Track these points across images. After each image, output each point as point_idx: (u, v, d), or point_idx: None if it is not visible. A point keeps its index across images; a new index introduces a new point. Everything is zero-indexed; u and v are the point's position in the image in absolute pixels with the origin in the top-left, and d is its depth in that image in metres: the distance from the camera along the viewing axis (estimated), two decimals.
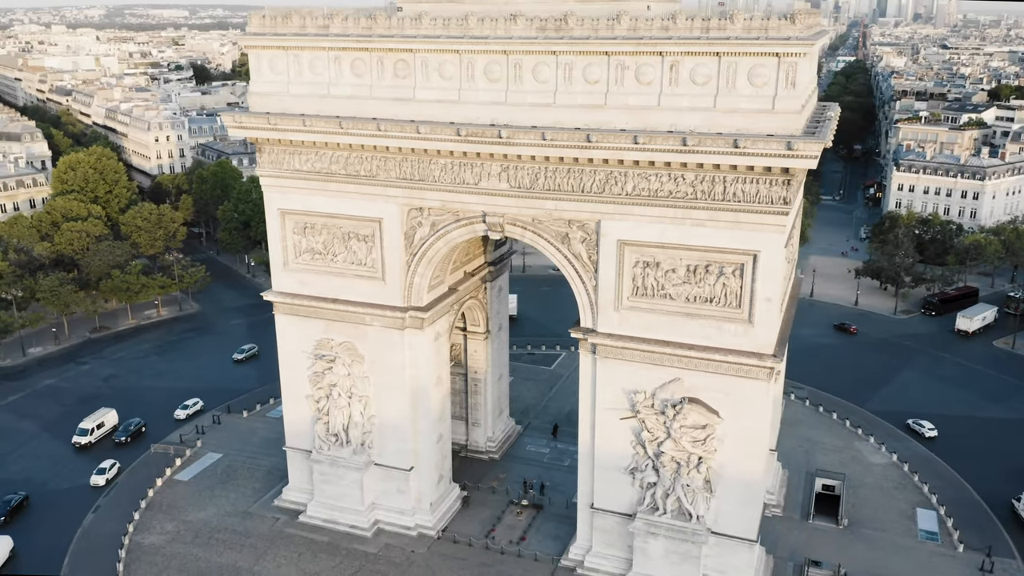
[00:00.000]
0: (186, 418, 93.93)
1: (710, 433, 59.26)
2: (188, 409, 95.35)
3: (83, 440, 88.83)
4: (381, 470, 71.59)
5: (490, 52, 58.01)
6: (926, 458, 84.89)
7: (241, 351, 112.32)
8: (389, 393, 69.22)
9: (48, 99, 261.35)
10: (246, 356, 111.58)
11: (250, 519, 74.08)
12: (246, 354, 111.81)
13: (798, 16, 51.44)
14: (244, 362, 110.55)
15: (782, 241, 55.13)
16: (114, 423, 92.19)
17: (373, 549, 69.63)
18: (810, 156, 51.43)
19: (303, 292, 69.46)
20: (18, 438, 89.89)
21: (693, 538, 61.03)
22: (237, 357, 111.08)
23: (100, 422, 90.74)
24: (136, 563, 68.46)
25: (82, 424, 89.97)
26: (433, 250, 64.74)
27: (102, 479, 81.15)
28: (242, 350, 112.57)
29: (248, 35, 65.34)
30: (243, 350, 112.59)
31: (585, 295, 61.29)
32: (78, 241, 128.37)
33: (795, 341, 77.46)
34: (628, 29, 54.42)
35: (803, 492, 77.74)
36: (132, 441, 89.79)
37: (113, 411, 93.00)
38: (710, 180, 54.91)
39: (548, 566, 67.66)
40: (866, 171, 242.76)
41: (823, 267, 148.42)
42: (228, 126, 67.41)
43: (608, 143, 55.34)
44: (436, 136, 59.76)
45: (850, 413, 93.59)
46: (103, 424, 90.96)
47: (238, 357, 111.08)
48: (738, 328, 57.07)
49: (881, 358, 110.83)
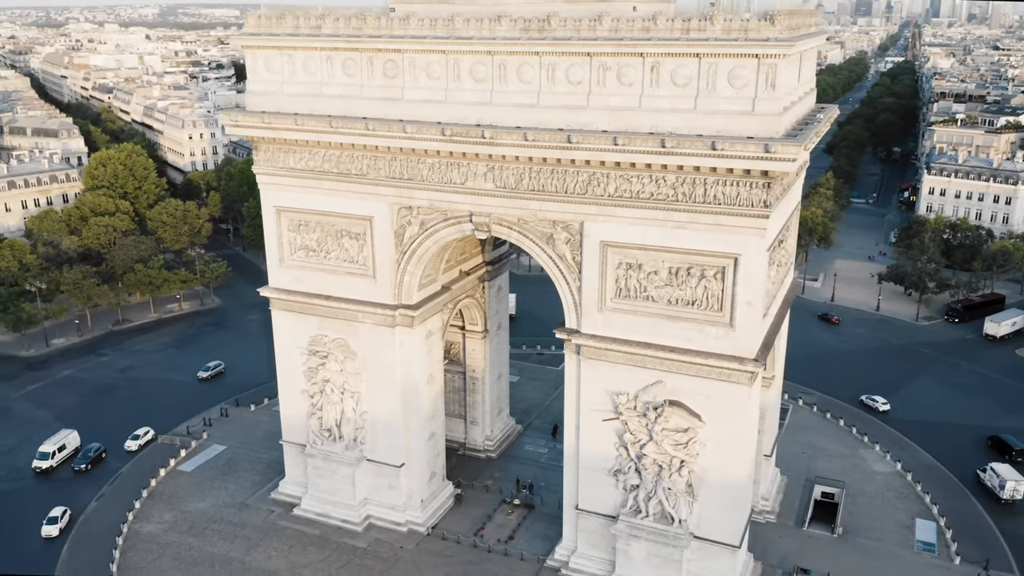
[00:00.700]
0: (137, 449, 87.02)
1: (692, 436, 58.87)
2: (139, 440, 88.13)
3: (44, 464, 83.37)
4: (373, 466, 72.35)
5: (475, 52, 58.32)
6: (931, 467, 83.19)
7: (207, 368, 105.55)
8: (380, 390, 69.93)
9: (91, 96, 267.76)
10: (212, 374, 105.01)
11: (246, 511, 75.37)
12: (212, 371, 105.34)
13: (779, 17, 50.86)
14: (210, 380, 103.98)
15: (763, 244, 54.49)
16: (76, 445, 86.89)
17: (362, 544, 70.39)
18: (787, 159, 50.72)
19: (298, 288, 70.50)
20: (32, 427, 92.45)
21: (674, 542, 60.68)
22: (202, 375, 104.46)
23: (61, 444, 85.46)
24: (132, 551, 70.11)
25: (42, 447, 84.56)
26: (423, 249, 65.22)
27: (54, 529, 73.38)
28: (207, 367, 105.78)
29: (244, 35, 66.56)
30: (208, 367, 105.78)
31: (570, 296, 61.28)
32: (104, 235, 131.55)
33: None
34: (609, 30, 54.31)
35: (800, 499, 76.72)
36: (92, 468, 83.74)
37: (75, 432, 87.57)
38: (690, 182, 54.54)
39: (534, 566, 67.78)
40: (904, 174, 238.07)
41: (848, 271, 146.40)
42: (225, 124, 68.74)
43: (589, 144, 55.28)
44: (422, 136, 60.24)
45: (858, 420, 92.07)
46: (64, 447, 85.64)
47: (203, 375, 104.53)
48: (719, 331, 56.61)
49: (897, 365, 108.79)
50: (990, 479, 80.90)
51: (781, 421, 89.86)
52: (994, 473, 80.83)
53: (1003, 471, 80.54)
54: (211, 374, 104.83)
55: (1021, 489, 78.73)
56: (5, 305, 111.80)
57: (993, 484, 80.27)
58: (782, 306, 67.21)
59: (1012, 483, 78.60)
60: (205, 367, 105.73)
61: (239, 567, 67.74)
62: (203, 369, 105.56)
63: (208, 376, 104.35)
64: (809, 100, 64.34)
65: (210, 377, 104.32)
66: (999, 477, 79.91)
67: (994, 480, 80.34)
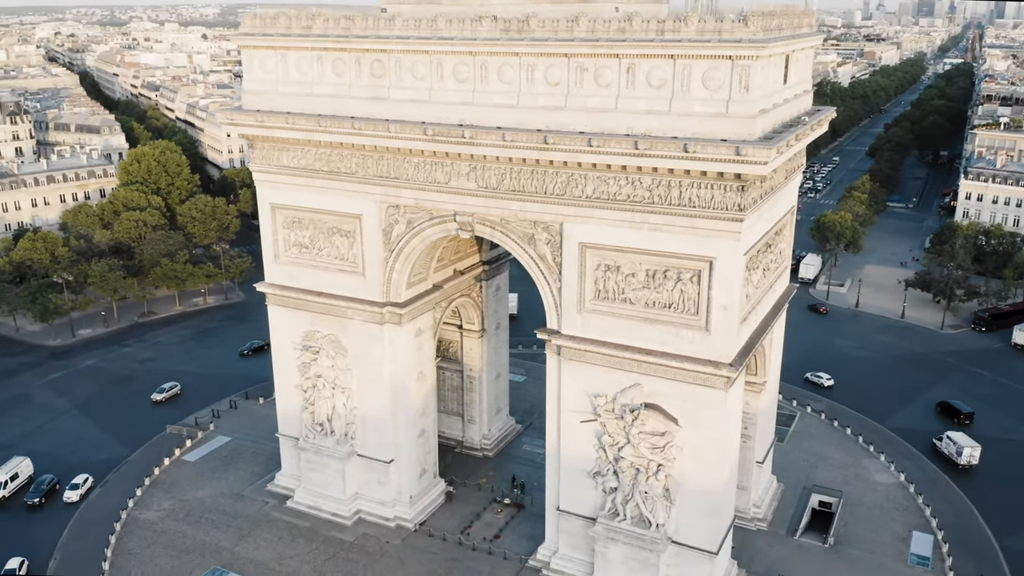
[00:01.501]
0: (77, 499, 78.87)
1: (669, 441, 58.45)
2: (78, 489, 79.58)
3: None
4: (364, 461, 73.19)
5: (457, 53, 58.68)
6: (935, 479, 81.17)
7: (161, 390, 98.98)
8: (370, 386, 70.72)
9: (140, 94, 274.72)
10: (166, 396, 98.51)
11: (241, 501, 76.85)
12: (166, 394, 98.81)
13: (752, 18, 50.28)
14: (164, 403, 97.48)
15: (738, 248, 53.82)
16: (29, 474, 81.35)
17: (350, 538, 71.28)
18: (758, 162, 50.02)
19: (292, 284, 71.63)
20: (50, 413, 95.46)
21: (651, 546, 60.27)
22: (156, 397, 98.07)
23: (13, 473, 79.98)
24: (128, 536, 72.01)
25: None
26: (409, 247, 65.79)
27: None
28: (162, 389, 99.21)
29: (240, 35, 67.93)
30: (163, 389, 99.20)
31: (550, 296, 61.29)
32: (135, 230, 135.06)
33: None
34: (586, 31, 54.22)
35: (796, 507, 75.50)
36: (46, 502, 77.77)
37: (27, 460, 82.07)
38: (666, 184, 54.15)
39: (516, 565, 67.92)
40: (948, 178, 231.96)
41: (877, 277, 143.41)
42: (222, 123, 70.20)
43: (564, 145, 55.23)
44: (405, 135, 60.81)
45: (866, 429, 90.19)
46: (17, 475, 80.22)
47: (157, 397, 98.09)
48: (695, 335, 56.10)
49: (915, 374, 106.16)
50: (947, 447, 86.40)
51: (785, 428, 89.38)
52: (950, 441, 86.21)
53: (959, 439, 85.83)
54: (165, 396, 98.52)
55: (976, 454, 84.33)
56: (34, 296, 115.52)
57: (950, 451, 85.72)
58: (772, 311, 66.26)
59: (968, 449, 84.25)
60: (160, 388, 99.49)
61: (228, 556, 69.14)
62: (157, 391, 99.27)
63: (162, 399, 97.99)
64: (801, 102, 63.22)
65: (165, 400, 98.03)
66: (955, 444, 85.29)
67: (951, 447, 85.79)
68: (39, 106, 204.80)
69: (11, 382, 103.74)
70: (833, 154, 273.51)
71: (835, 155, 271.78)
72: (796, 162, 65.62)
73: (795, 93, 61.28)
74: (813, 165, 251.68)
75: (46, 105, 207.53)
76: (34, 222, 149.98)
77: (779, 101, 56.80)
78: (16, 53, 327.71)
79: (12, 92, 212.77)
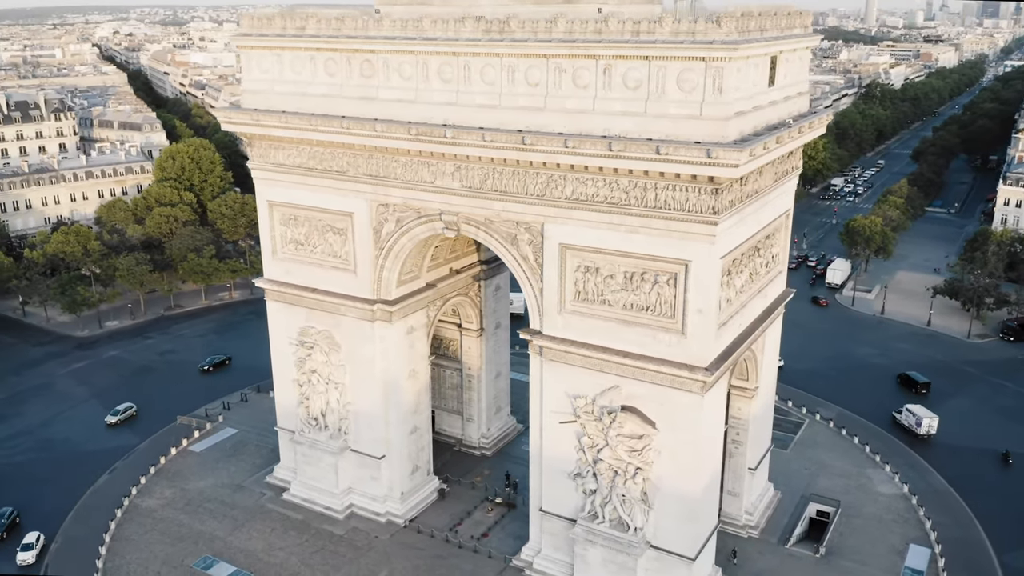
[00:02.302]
0: None
1: (647, 444, 58.12)
2: None
3: None
4: (356, 456, 74.09)
5: (441, 53, 59.13)
6: (941, 492, 79.20)
7: (115, 412, 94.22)
8: (362, 382, 71.56)
9: (187, 92, 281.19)
10: (121, 419, 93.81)
11: (240, 492, 78.39)
12: (120, 416, 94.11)
13: (725, 19, 49.74)
14: (117, 426, 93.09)
15: (714, 252, 53.27)
16: None
17: (340, 531, 72.22)
18: (729, 165, 49.45)
19: (288, 280, 72.86)
20: (68, 402, 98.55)
21: (629, 550, 59.95)
22: (111, 420, 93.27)
23: None
24: (128, 523, 73.98)
25: None
26: (399, 246, 66.43)
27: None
28: (116, 411, 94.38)
29: (238, 35, 69.34)
30: (117, 411, 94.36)
31: (533, 297, 61.36)
32: (165, 225, 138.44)
33: None
34: (564, 32, 54.19)
35: (791, 516, 74.31)
36: (8, 536, 74.08)
37: None
38: (641, 187, 53.85)
39: (500, 564, 68.12)
40: (994, 184, 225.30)
41: (908, 284, 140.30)
42: (220, 121, 71.77)
43: (542, 146, 55.26)
44: (391, 135, 61.46)
45: (876, 437, 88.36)
46: None
47: (111, 420, 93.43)
48: (672, 338, 55.70)
49: (936, 382, 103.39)
50: (907, 419, 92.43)
51: (791, 435, 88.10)
52: (910, 413, 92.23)
53: (917, 411, 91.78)
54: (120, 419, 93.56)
55: (935, 424, 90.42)
56: (63, 288, 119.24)
57: (910, 423, 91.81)
58: (763, 316, 65.32)
59: (927, 420, 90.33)
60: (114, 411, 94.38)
61: (220, 545, 70.61)
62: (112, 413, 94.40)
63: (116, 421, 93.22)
64: (794, 104, 62.09)
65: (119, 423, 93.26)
66: (915, 416, 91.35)
67: (910, 419, 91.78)
68: (86, 103, 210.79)
69: (36, 371, 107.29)
70: (879, 157, 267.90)
71: (880, 158, 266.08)
72: (788, 164, 64.70)
73: (785, 95, 60.32)
74: (855, 168, 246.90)
75: (93, 103, 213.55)
76: (73, 216, 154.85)
77: (762, 103, 56.03)
78: (72, 51, 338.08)
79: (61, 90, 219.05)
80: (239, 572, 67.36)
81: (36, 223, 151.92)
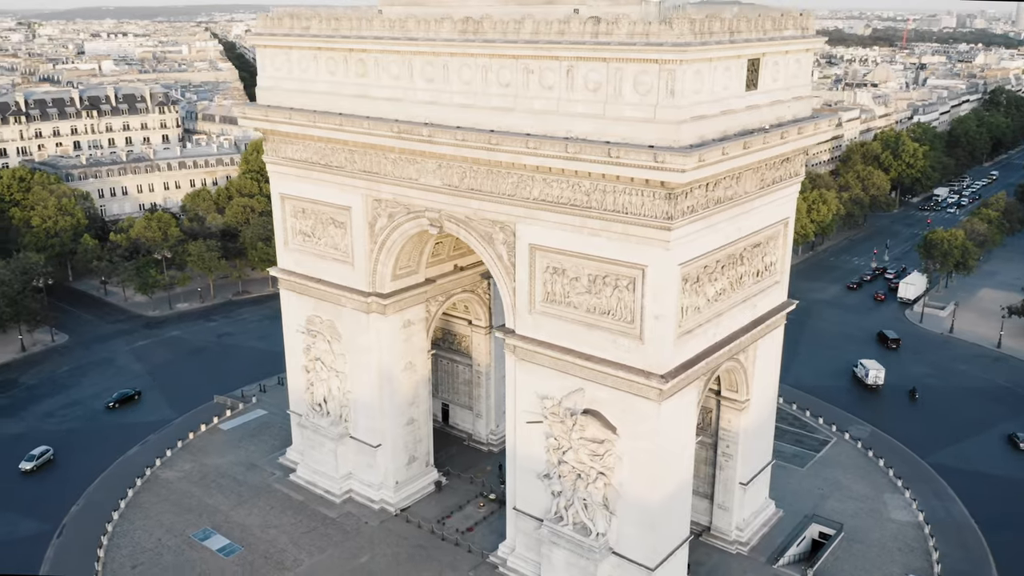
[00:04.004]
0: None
1: (608, 449, 57.64)
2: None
3: None
4: (355, 443, 76.31)
5: (422, 53, 60.36)
6: (961, 524, 74.52)
7: (30, 458, 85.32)
8: (360, 372, 73.68)
9: None
10: (36, 465, 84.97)
11: (252, 470, 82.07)
12: (36, 462, 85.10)
13: (677, 20, 48.79)
14: (34, 472, 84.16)
15: (671, 258, 52.31)
16: None
17: (334, 515, 74.63)
18: (676, 170, 48.49)
19: (297, 270, 75.82)
20: (125, 376, 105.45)
21: (589, 554, 59.55)
22: (25, 467, 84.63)
23: None
24: (145, 492, 78.76)
25: None
26: (391, 240, 68.11)
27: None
28: (31, 456, 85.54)
29: (254, 34, 72.63)
30: (32, 456, 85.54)
31: (507, 296, 61.81)
32: (242, 214, 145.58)
33: None
34: (531, 32, 54.36)
35: (787, 535, 71.71)
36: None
37: None
38: (601, 190, 53.49)
39: (477, 559, 68.85)
40: None
41: (988, 302, 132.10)
42: (237, 116, 75.31)
43: (507, 146, 55.68)
44: (378, 132, 63.16)
45: (903, 462, 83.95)
46: None
47: (26, 467, 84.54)
48: (631, 343, 55.05)
49: (987, 408, 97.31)
50: (860, 371, 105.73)
51: (813, 453, 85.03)
52: (863, 366, 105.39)
53: (868, 364, 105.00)
54: (35, 465, 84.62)
55: (881, 376, 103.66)
56: (139, 270, 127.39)
57: (862, 375, 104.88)
58: (751, 327, 63.30)
59: (874, 372, 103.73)
60: (28, 456, 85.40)
61: (221, 518, 74.24)
62: (27, 458, 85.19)
63: (32, 468, 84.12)
64: (787, 108, 59.81)
65: (34, 469, 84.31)
66: (865, 368, 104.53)
67: (863, 371, 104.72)
68: (195, 98, 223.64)
69: (103, 346, 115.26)
70: (993, 168, 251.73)
71: (995, 169, 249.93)
72: (782, 171, 62.45)
73: (772, 99, 58.31)
74: (964, 179, 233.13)
75: (202, 97, 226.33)
76: (165, 204, 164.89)
77: (736, 107, 54.47)
78: (196, 48, 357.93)
79: (174, 84, 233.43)
80: (231, 545, 70.71)
81: (131, 209, 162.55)
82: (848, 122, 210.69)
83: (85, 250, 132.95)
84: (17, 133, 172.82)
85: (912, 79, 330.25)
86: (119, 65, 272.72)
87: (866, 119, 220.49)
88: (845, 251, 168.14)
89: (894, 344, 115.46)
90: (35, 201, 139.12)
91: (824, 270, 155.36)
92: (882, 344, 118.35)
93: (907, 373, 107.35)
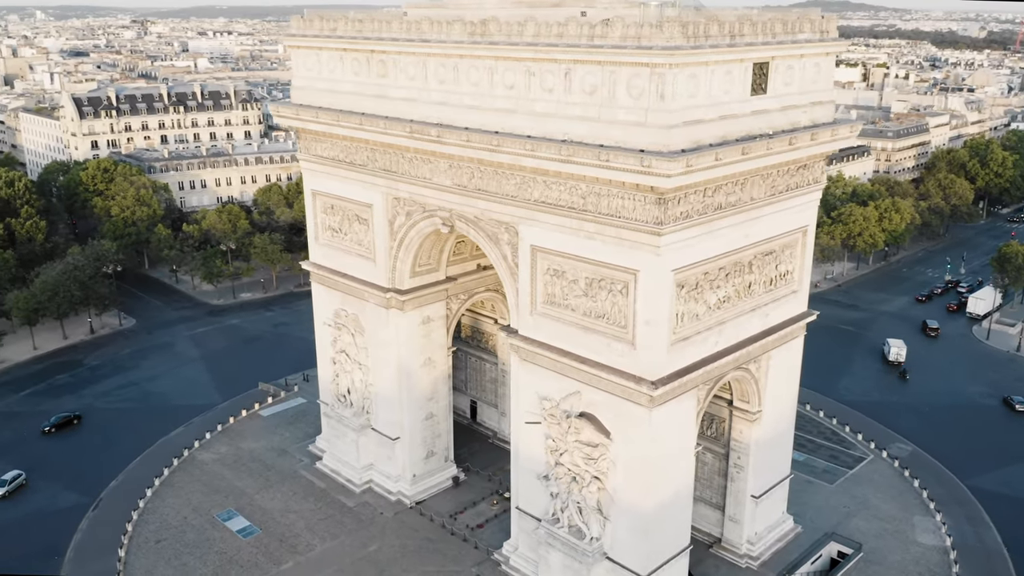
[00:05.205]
0: None
1: (603, 453, 57.52)
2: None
3: None
4: (376, 435, 78.09)
5: (435, 55, 61.41)
6: (991, 551, 71.01)
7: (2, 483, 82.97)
8: (381, 366, 75.37)
9: None
10: (9, 489, 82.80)
11: (282, 456, 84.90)
12: (6, 487, 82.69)
13: (668, 24, 48.32)
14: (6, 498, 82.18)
15: (663, 264, 51.83)
16: None
17: (351, 504, 76.57)
18: (662, 175, 48.05)
19: (326, 265, 78.09)
20: (181, 360, 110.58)
21: (582, 558, 59.51)
22: None
23: None
24: (180, 472, 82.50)
25: None
26: (409, 238, 69.46)
27: None
28: (3, 482, 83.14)
29: (287, 36, 75.14)
30: (4, 482, 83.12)
31: (512, 296, 62.31)
32: None
33: None
34: (532, 35, 54.68)
35: (803, 552, 69.80)
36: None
37: None
38: (596, 193, 53.43)
39: (481, 555, 69.54)
40: None
41: None
42: (272, 114, 78.07)
43: (507, 148, 56.22)
44: (393, 132, 64.57)
45: (940, 484, 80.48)
46: None
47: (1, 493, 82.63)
48: (624, 348, 54.79)
49: None
50: (886, 348, 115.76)
51: (846, 470, 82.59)
52: (888, 345, 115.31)
53: (893, 343, 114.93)
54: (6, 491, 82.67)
55: (903, 353, 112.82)
56: (205, 260, 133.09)
57: (887, 352, 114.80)
58: (761, 336, 61.94)
59: (895, 349, 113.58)
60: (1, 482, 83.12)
61: (246, 501, 77.13)
62: None
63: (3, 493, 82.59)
64: (798, 114, 58.26)
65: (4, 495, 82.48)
66: (889, 346, 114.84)
67: (888, 349, 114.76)
68: (280, 95, 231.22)
69: (166, 331, 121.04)
70: None
71: None
72: (798, 178, 60.82)
73: (784, 104, 56.94)
74: None
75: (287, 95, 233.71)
76: (241, 197, 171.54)
77: (739, 112, 53.50)
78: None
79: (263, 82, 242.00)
80: (251, 527, 73.45)
81: (209, 201, 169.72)
82: (936, 128, 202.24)
83: (159, 239, 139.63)
84: (108, 126, 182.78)
85: (1019, 84, 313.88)
86: (214, 63, 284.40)
87: (957, 125, 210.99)
88: (920, 262, 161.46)
89: (933, 332, 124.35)
90: (116, 191, 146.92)
91: (894, 281, 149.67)
92: (923, 332, 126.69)
93: (961, 391, 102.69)
